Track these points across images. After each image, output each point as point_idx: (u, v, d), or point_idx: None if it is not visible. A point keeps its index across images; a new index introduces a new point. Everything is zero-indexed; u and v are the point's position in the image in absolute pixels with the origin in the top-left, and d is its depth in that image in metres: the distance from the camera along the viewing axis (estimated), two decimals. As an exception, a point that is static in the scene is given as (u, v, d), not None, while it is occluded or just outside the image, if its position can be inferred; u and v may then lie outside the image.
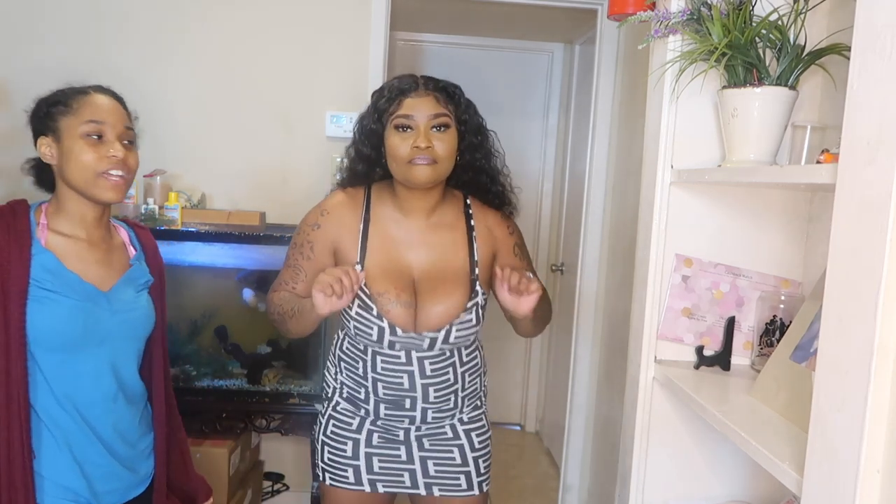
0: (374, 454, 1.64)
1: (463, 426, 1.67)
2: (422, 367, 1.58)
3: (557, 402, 3.71)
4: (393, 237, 1.60)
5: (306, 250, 1.62)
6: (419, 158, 1.49)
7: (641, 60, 2.23)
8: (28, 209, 1.40)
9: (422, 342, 1.57)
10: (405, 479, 1.65)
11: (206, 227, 2.46)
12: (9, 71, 2.67)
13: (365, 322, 1.56)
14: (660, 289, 1.51)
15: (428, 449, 1.65)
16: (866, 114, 0.84)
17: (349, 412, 1.66)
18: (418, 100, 1.51)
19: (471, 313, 1.58)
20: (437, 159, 1.50)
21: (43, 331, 1.31)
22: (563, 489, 3.25)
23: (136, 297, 1.47)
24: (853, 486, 0.83)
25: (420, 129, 1.50)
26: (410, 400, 1.60)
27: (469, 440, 1.67)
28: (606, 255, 3.05)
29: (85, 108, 1.37)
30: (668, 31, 1.40)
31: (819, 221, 1.48)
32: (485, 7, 3.42)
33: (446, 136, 1.52)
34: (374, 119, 1.56)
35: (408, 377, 1.58)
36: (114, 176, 1.37)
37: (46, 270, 1.33)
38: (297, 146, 2.79)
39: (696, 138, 1.47)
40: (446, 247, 1.61)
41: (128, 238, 1.53)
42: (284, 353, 2.62)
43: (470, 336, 1.61)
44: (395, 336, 1.55)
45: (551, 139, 4.13)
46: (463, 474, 1.66)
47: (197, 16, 2.74)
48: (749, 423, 1.17)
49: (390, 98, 1.54)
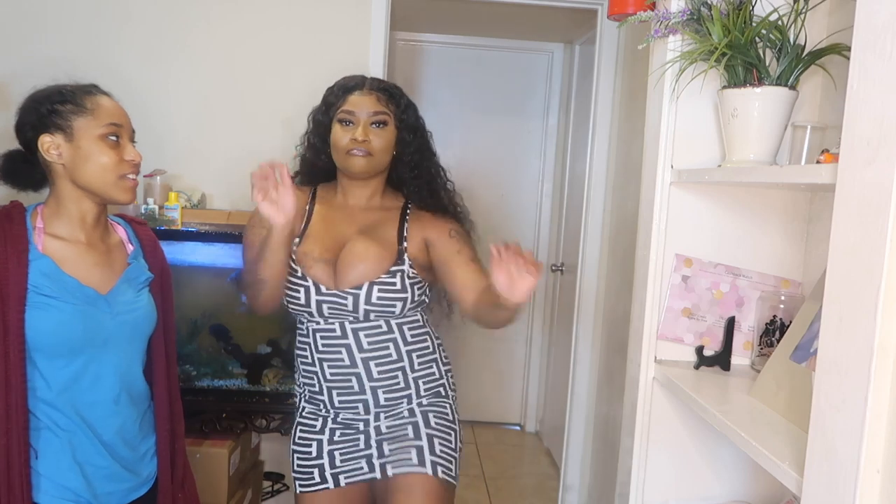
0: (336, 449, 1.68)
1: (421, 409, 1.68)
2: (357, 339, 1.63)
3: (557, 402, 3.71)
4: (332, 215, 1.71)
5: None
6: (356, 150, 1.62)
7: (641, 60, 2.23)
8: (24, 213, 1.38)
9: (345, 301, 1.60)
10: (363, 466, 1.67)
11: (206, 227, 2.46)
12: (9, 71, 2.67)
13: (294, 287, 1.63)
14: (660, 289, 1.51)
15: (384, 432, 1.67)
16: (866, 114, 0.84)
17: (312, 414, 1.72)
18: (361, 97, 1.66)
19: (395, 277, 1.62)
20: (373, 151, 1.63)
21: (43, 337, 1.31)
22: (563, 489, 3.25)
23: (136, 296, 1.45)
24: (853, 486, 0.83)
25: (360, 123, 1.63)
26: (356, 379, 1.64)
27: (425, 419, 1.66)
28: (606, 255, 3.05)
29: (101, 110, 1.38)
30: (668, 31, 1.40)
31: (819, 221, 1.48)
32: (485, 7, 3.41)
33: (383, 132, 1.65)
34: (323, 112, 1.71)
35: (346, 351, 1.63)
36: (131, 178, 1.40)
37: (44, 276, 1.32)
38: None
39: (696, 138, 1.47)
40: (377, 224, 1.70)
41: (125, 235, 1.53)
42: (285, 353, 2.62)
43: (395, 303, 1.62)
44: (319, 295, 1.61)
45: (551, 139, 4.12)
46: (414, 448, 1.62)
47: (197, 16, 2.74)
48: (749, 423, 1.17)
49: (337, 94, 1.68)
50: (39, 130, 1.37)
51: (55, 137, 1.36)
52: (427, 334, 1.72)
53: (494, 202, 4.01)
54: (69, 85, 1.41)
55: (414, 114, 1.72)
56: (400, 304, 1.63)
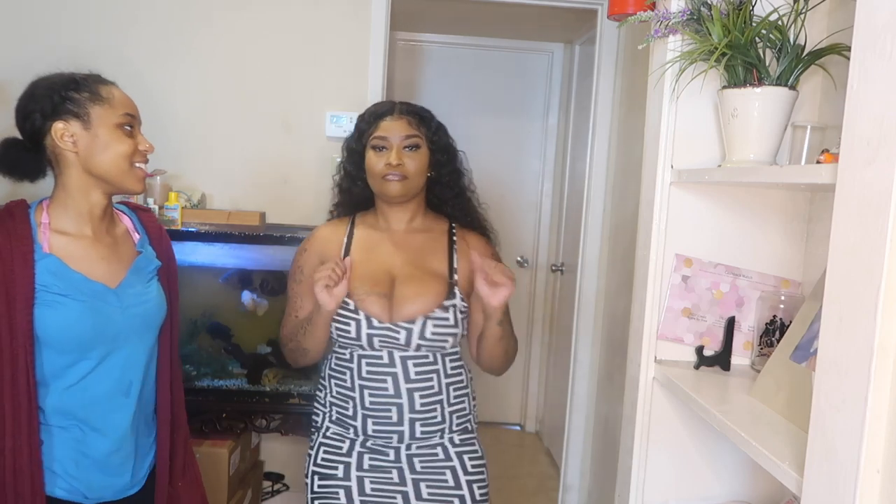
0: (366, 476, 1.65)
1: (454, 448, 1.68)
2: (405, 368, 1.61)
3: (557, 402, 3.71)
4: (374, 242, 1.71)
5: (297, 275, 1.73)
6: (391, 175, 1.64)
7: (641, 60, 2.23)
8: (27, 211, 1.38)
9: (398, 335, 1.60)
10: (398, 501, 1.65)
11: (206, 227, 2.46)
12: (9, 70, 2.67)
13: (343, 319, 1.61)
14: (660, 289, 1.51)
15: (420, 471, 1.65)
16: (866, 114, 0.84)
17: (339, 436, 1.68)
18: (392, 122, 1.68)
19: (447, 312, 1.63)
20: (408, 175, 1.65)
21: (53, 334, 1.31)
22: (563, 489, 3.25)
23: (145, 287, 1.45)
24: (853, 486, 0.83)
25: (393, 148, 1.65)
26: (397, 409, 1.61)
27: (461, 463, 1.68)
28: (606, 255, 3.05)
29: (116, 99, 1.39)
30: (668, 31, 1.40)
31: (819, 221, 1.48)
32: (485, 7, 3.41)
33: (417, 154, 1.67)
34: (356, 140, 1.73)
35: (392, 380, 1.61)
36: (143, 167, 1.41)
37: (52, 274, 1.32)
38: (298, 146, 2.79)
39: (696, 138, 1.47)
40: (425, 249, 1.71)
41: (131, 224, 1.52)
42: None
43: (447, 338, 1.63)
44: (372, 329, 1.60)
45: (551, 139, 4.13)
46: (457, 497, 1.66)
47: (200, 17, 2.74)
48: (749, 423, 1.17)
49: (369, 121, 1.70)
50: (52, 118, 1.35)
51: (69, 125, 1.35)
52: (463, 367, 1.72)
53: (494, 202, 3.99)
54: (79, 73, 1.42)
55: (445, 135, 1.74)
56: (451, 339, 1.65)
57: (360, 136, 1.71)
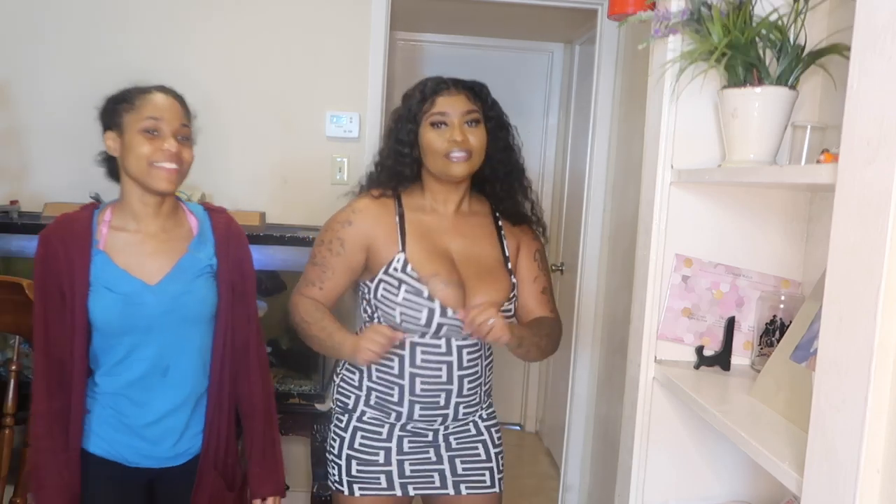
0: (406, 459, 1.66)
1: (483, 422, 1.72)
2: (460, 357, 1.63)
3: (557, 402, 3.71)
4: (428, 226, 1.66)
5: (336, 246, 1.64)
6: (456, 151, 1.58)
7: (641, 60, 2.23)
8: (92, 213, 1.56)
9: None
10: (435, 480, 1.68)
11: (206, 227, 2.45)
12: (9, 70, 2.67)
13: (414, 306, 1.58)
14: (660, 289, 1.51)
15: (455, 448, 1.68)
16: (866, 114, 0.84)
17: (377, 420, 1.66)
18: (451, 98, 1.61)
19: (511, 303, 1.66)
20: (472, 151, 1.60)
21: (96, 320, 1.51)
22: (563, 489, 3.25)
23: (190, 283, 1.55)
24: (853, 486, 0.83)
25: (455, 124, 1.59)
26: (445, 394, 1.63)
27: (490, 436, 1.73)
28: (606, 255, 3.05)
29: (145, 105, 1.51)
30: (668, 31, 1.40)
31: (819, 221, 1.48)
32: (485, 7, 3.41)
33: (478, 130, 1.62)
34: (408, 118, 1.64)
35: (446, 368, 1.62)
36: (165, 167, 1.49)
37: (101, 269, 1.51)
38: (298, 146, 2.79)
39: (696, 138, 1.47)
40: (477, 235, 1.69)
41: (196, 224, 1.62)
42: (284, 354, 2.61)
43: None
44: (444, 318, 1.58)
45: (551, 139, 4.12)
46: (487, 470, 1.71)
47: (198, 17, 2.74)
48: (749, 423, 1.17)
49: (423, 98, 1.63)
50: (105, 129, 1.55)
51: (111, 133, 1.54)
52: (491, 347, 1.73)
53: (494, 202, 4.00)
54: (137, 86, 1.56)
55: (499, 109, 1.69)
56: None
57: (415, 115, 1.63)
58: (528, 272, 1.72)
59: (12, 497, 1.79)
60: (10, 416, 1.88)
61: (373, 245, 1.63)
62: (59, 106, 2.67)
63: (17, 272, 2.31)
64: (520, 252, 1.73)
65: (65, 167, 2.64)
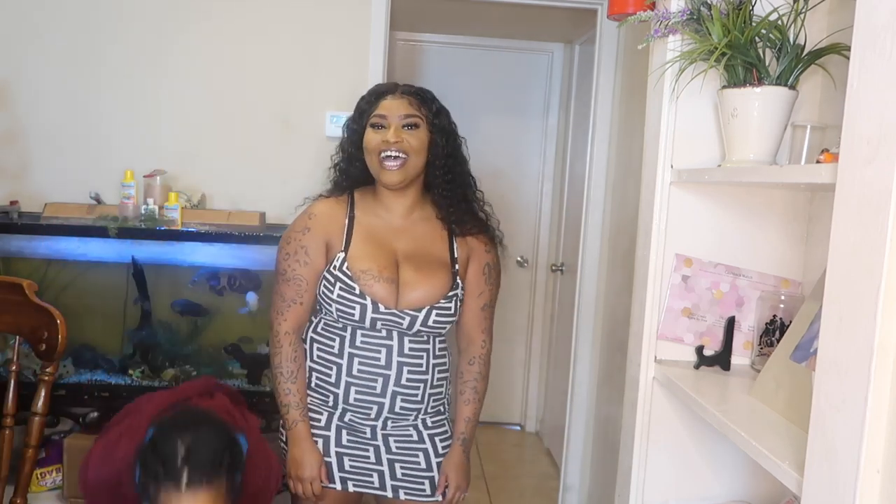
0: (345, 454, 1.69)
1: (427, 430, 1.72)
2: (401, 343, 1.65)
3: (557, 402, 3.71)
4: (376, 227, 1.70)
5: (301, 256, 1.67)
6: (389, 151, 1.62)
7: (641, 60, 2.22)
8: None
9: (402, 321, 1.62)
10: (374, 480, 1.69)
11: (205, 227, 2.46)
12: (9, 70, 2.67)
13: (347, 303, 1.62)
14: (660, 289, 1.51)
15: (395, 452, 1.69)
16: (866, 113, 0.84)
17: (316, 405, 1.70)
18: (394, 101, 1.66)
19: (451, 301, 1.67)
20: (406, 152, 1.63)
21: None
22: (563, 489, 3.24)
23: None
24: (853, 486, 0.83)
25: (392, 126, 1.63)
26: (382, 381, 1.64)
27: (433, 445, 1.72)
28: (606, 255, 3.05)
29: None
30: (668, 31, 1.40)
31: (819, 221, 1.48)
32: (485, 7, 3.41)
33: (416, 133, 1.65)
34: (355, 119, 1.72)
35: (386, 352, 1.64)
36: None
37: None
38: (297, 146, 2.79)
39: (696, 138, 1.47)
40: (427, 236, 1.72)
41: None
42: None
43: (446, 325, 1.68)
44: (377, 313, 1.61)
45: (551, 139, 4.12)
46: (427, 479, 1.72)
47: (197, 16, 2.74)
48: (749, 423, 1.17)
49: (369, 100, 1.69)
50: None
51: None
52: (447, 350, 1.75)
53: (494, 202, 3.98)
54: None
55: (446, 118, 1.72)
56: (449, 326, 1.69)
57: (361, 116, 1.69)
58: (474, 286, 1.74)
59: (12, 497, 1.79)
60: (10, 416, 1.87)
61: (329, 244, 1.67)
62: (59, 106, 2.67)
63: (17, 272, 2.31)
64: (470, 262, 1.73)
65: (65, 167, 2.64)
